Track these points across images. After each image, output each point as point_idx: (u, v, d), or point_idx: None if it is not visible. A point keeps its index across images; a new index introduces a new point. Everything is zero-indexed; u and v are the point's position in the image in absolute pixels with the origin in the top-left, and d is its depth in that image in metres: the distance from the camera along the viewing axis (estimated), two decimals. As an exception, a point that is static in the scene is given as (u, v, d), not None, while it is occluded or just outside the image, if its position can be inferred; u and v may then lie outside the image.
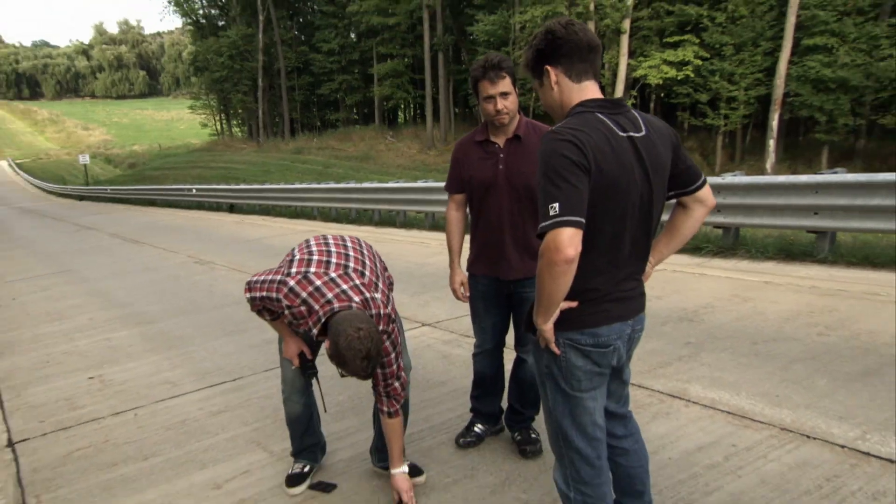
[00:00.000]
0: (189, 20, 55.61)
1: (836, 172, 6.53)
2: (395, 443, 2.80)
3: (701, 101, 27.94)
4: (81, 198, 36.61)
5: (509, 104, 2.76)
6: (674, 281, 6.15)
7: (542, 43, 1.97)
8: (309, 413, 3.03)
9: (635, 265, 2.04)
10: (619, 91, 28.18)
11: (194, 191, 23.67)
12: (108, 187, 36.34)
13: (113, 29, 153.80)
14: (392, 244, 9.93)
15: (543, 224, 1.77)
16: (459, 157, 3.05)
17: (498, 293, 3.03)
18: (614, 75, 29.00)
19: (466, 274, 3.16)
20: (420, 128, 43.69)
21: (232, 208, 20.63)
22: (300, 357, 2.85)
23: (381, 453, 3.05)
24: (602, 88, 2.02)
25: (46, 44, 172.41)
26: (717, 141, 29.04)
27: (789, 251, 6.90)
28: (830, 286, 5.60)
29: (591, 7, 27.27)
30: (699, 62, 27.15)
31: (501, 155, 2.87)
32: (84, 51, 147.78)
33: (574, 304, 1.93)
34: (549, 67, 1.97)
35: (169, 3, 54.37)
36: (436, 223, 11.89)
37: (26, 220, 23.91)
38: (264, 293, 2.62)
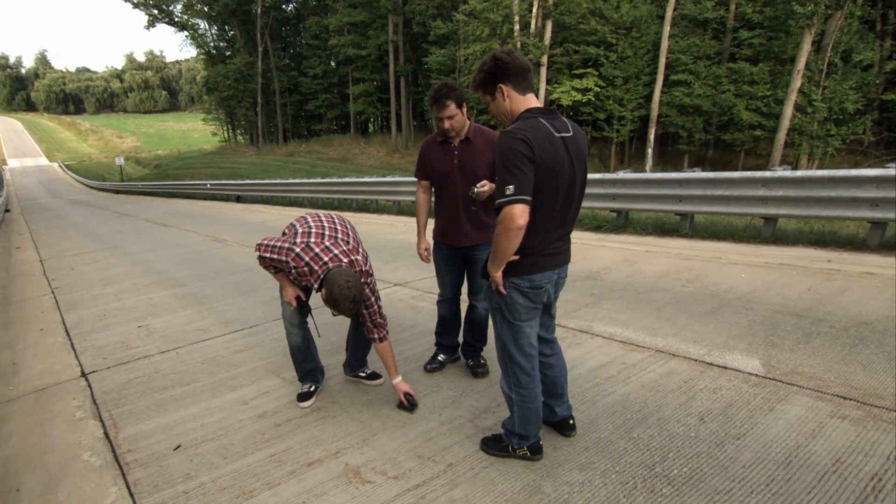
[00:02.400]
0: (202, 51, 52.75)
1: (694, 171, 6.69)
2: (389, 360, 2.86)
3: (599, 119, 28.12)
4: (118, 192, 34.60)
5: (455, 123, 2.78)
6: (582, 251, 6.23)
7: (493, 68, 1.96)
8: (306, 342, 3.02)
9: (563, 229, 2.07)
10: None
11: (209, 185, 22.56)
12: (139, 183, 34.41)
13: (140, 57, 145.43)
14: (367, 225, 9.79)
15: (501, 200, 1.79)
16: (425, 152, 3.03)
17: (455, 256, 3.06)
18: (536, 97, 29.07)
19: (430, 242, 3.16)
20: (386, 136, 42.66)
21: (239, 199, 19.86)
22: (297, 299, 2.87)
23: (350, 367, 3.21)
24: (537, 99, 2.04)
25: (87, 69, 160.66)
26: (612, 149, 29.33)
27: (663, 228, 7.05)
28: (690, 253, 5.78)
29: (518, 45, 27.13)
30: (598, 89, 27.30)
31: (456, 152, 2.88)
32: (118, 75, 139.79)
33: (517, 257, 1.96)
34: (501, 85, 1.97)
35: (186, 37, 51.84)
36: (401, 209, 11.76)
37: (76, 209, 22.44)
38: (275, 255, 2.66)
